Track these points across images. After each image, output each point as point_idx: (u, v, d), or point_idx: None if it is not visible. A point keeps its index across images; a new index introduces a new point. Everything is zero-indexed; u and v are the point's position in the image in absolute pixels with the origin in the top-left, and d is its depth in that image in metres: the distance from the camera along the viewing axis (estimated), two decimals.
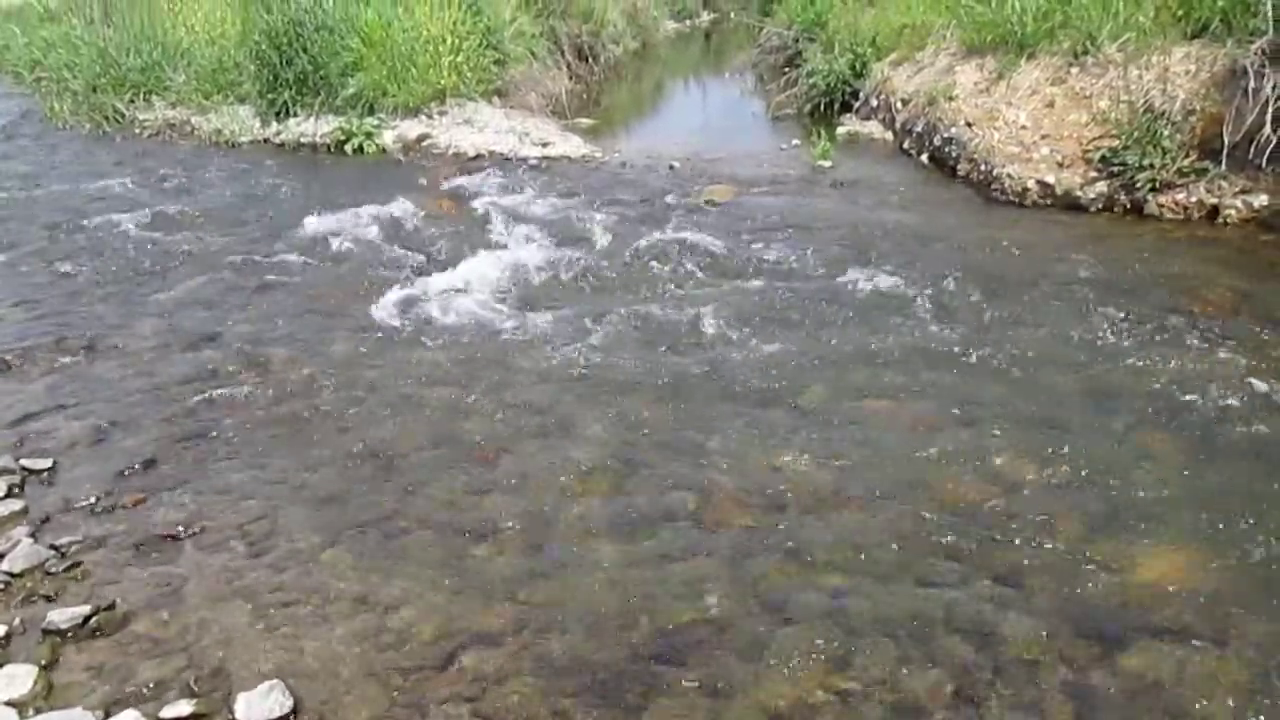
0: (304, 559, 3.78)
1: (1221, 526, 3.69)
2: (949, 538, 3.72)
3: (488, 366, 5.21)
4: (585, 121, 11.53)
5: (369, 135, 10.22)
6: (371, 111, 10.57)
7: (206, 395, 5.04)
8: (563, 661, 3.24)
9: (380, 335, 5.64)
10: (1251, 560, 3.51)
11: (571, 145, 9.92)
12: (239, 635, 3.41)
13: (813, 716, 2.99)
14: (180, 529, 3.99)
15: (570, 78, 13.17)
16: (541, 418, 4.69)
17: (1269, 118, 6.35)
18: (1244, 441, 4.20)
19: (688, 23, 21.41)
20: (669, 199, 7.89)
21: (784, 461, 4.25)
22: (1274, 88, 6.39)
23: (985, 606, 3.37)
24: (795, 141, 9.84)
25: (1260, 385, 4.60)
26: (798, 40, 12.56)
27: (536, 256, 6.59)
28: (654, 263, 6.44)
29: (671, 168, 8.94)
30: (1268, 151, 6.37)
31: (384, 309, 5.90)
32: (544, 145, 9.87)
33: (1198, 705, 2.95)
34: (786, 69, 12.39)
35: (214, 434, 4.71)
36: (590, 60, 14.25)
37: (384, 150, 10.15)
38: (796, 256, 6.49)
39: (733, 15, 20.73)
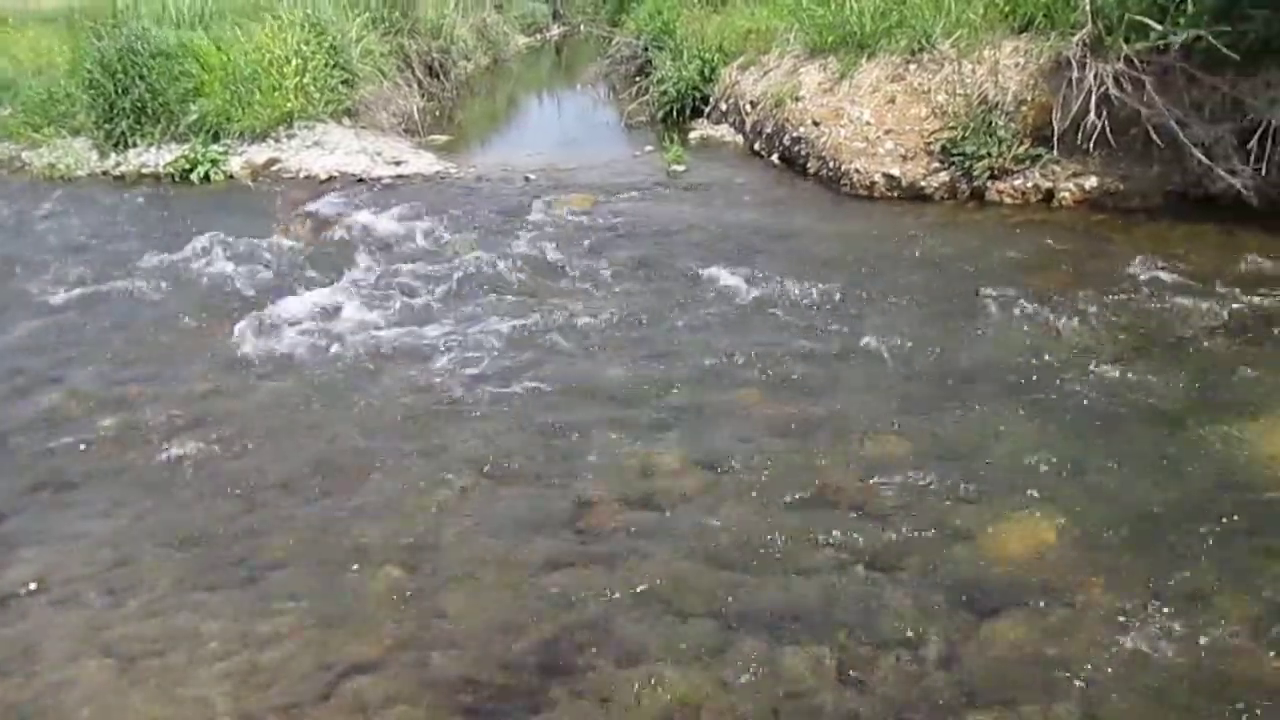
0: (169, 604, 3.62)
1: (1074, 494, 3.88)
2: (823, 523, 3.81)
3: (350, 390, 5.09)
4: (439, 138, 11.41)
5: (215, 162, 9.87)
6: (216, 138, 10.21)
7: (54, 441, 4.78)
8: (447, 680, 3.19)
9: (236, 366, 5.45)
10: (1102, 524, 3.69)
11: (425, 163, 9.80)
12: (103, 692, 3.24)
13: (701, 710, 3.02)
14: (31, 585, 3.78)
15: (422, 95, 12.99)
16: (409, 436, 4.61)
17: (1093, 105, 6.70)
18: (1089, 411, 4.42)
19: (538, 37, 21.40)
20: (526, 211, 7.86)
21: (657, 461, 4.28)
22: (1095, 77, 6.74)
23: (862, 588, 3.47)
24: (649, 148, 9.95)
25: (1100, 356, 4.86)
26: (647, 49, 12.69)
27: (393, 276, 6.48)
28: (514, 274, 6.41)
29: (527, 179, 8.92)
30: (1094, 137, 6.72)
31: (239, 339, 5.70)
32: (397, 164, 9.72)
33: (1062, 664, 3.09)
34: (637, 78, 12.51)
35: (65, 481, 4.47)
36: (441, 77, 14.09)
37: (231, 177, 9.81)
38: (655, 259, 6.56)
39: (582, 27, 20.84)
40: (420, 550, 3.82)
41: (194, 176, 9.77)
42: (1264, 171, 6.12)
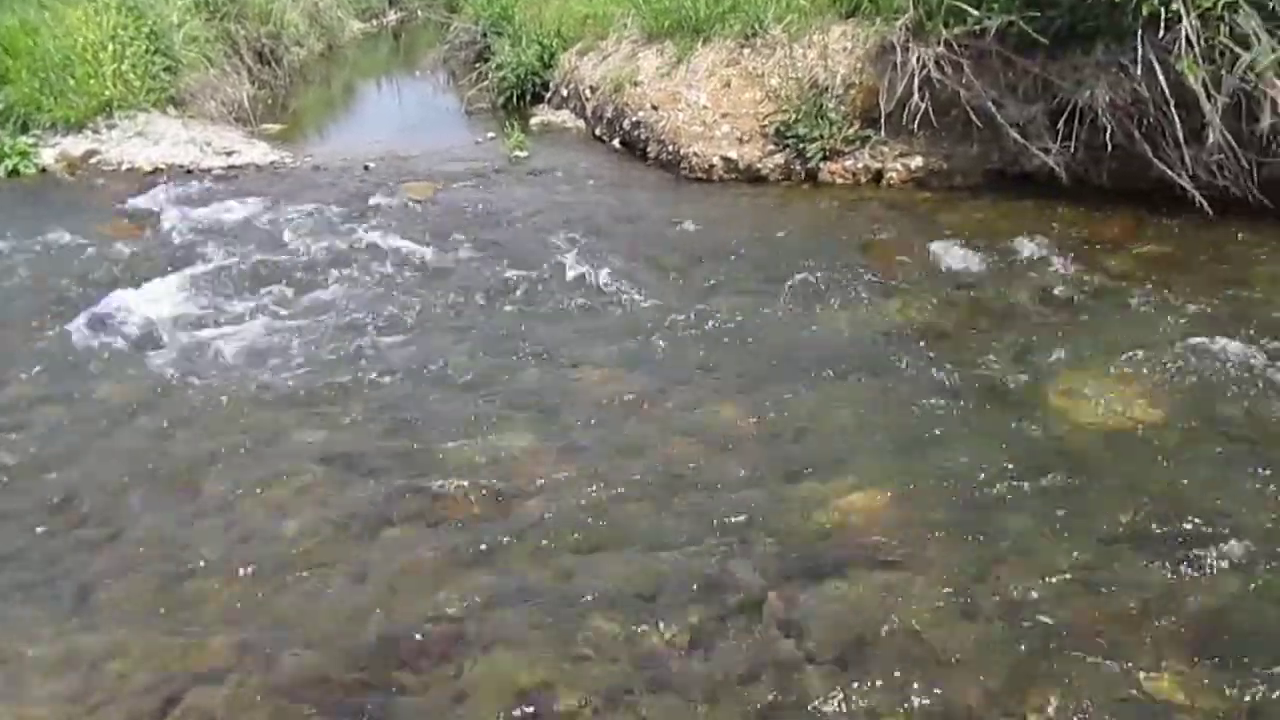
0: None
1: (907, 461, 4.05)
2: (673, 500, 3.88)
3: (183, 390, 4.88)
4: (273, 127, 11.01)
5: (24, 155, 9.24)
6: (25, 129, 9.57)
7: None
8: (295, 684, 3.12)
9: (60, 372, 5.14)
10: (933, 488, 3.88)
11: (258, 152, 9.44)
12: None
13: (556, 691, 3.04)
14: None
15: (253, 83, 12.48)
16: (246, 435, 4.45)
17: (916, 88, 6.97)
18: (919, 382, 4.62)
19: (374, 22, 20.80)
20: (366, 200, 7.68)
21: (506, 446, 4.27)
22: (918, 60, 7.02)
23: (710, 560, 3.55)
24: (491, 134, 9.86)
25: (928, 329, 5.09)
26: (485, 34, 12.55)
27: (227, 270, 6.23)
28: (353, 264, 6.26)
29: (367, 168, 8.71)
30: (918, 118, 7.01)
31: (62, 344, 5.38)
32: (228, 155, 9.33)
33: (898, 621, 3.23)
34: (477, 64, 12.34)
35: None
36: (273, 64, 13.57)
37: (44, 170, 9.23)
38: (497, 246, 6.52)
39: (420, 13, 20.38)
40: (259, 552, 3.70)
41: (0, 171, 9.16)
42: (1072, 150, 6.50)
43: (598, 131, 9.45)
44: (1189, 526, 3.55)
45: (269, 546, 3.74)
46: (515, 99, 11.08)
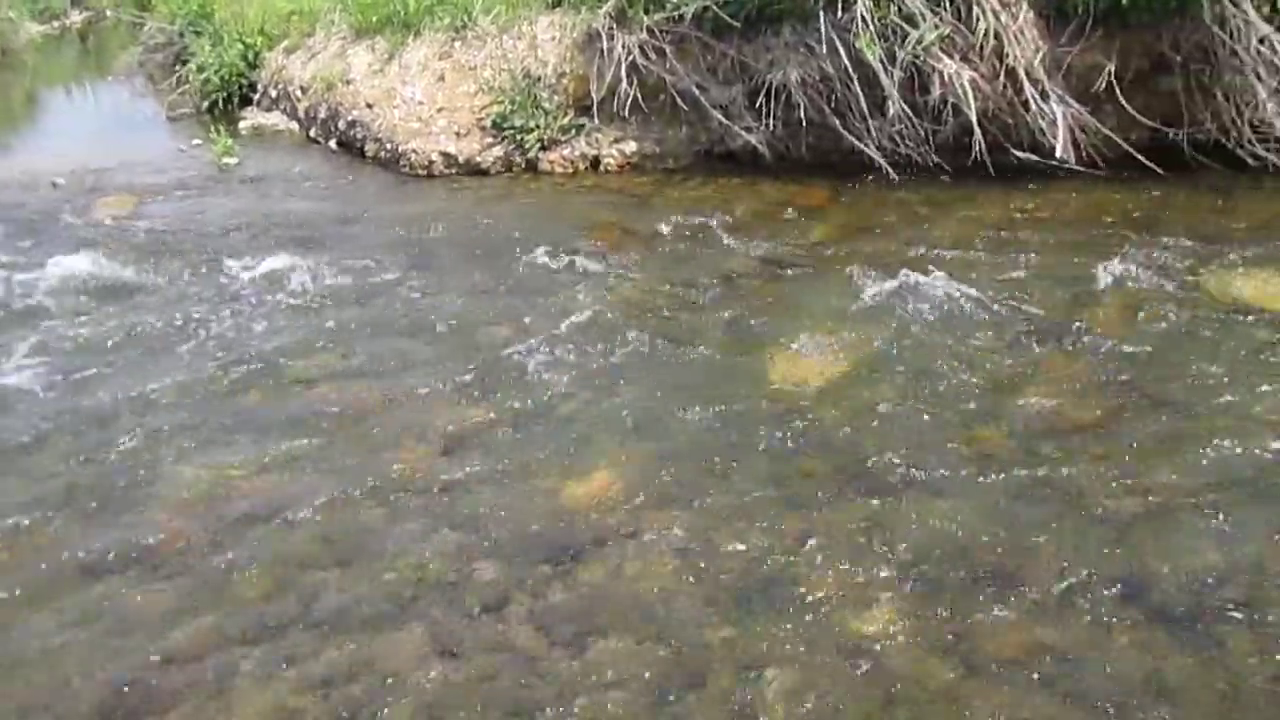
0: None
1: (637, 439, 4.17)
2: (408, 504, 3.83)
3: None
4: None
5: None
6: None
7: None
8: None
9: None
10: (663, 463, 4.00)
11: None
12: None
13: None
14: None
15: None
16: None
17: (624, 74, 7.15)
18: (645, 359, 4.76)
19: (55, 23, 19.17)
20: (55, 219, 7.09)
21: (226, 473, 4.07)
22: (624, 47, 7.20)
23: (451, 562, 3.54)
24: (196, 142, 9.29)
25: (649, 307, 5.26)
26: (183, 34, 11.83)
27: None
28: (43, 291, 5.75)
29: (54, 185, 8.01)
30: (628, 104, 7.20)
31: None
32: None
33: (634, 595, 3.34)
34: (177, 66, 11.61)
35: None
36: None
37: None
38: (208, 258, 6.19)
39: (109, 12, 18.96)
40: None
41: None
42: (771, 127, 6.86)
43: (312, 133, 9.12)
44: (897, 461, 3.86)
45: None
46: (222, 103, 10.48)
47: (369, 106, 8.30)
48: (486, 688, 3.02)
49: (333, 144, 8.75)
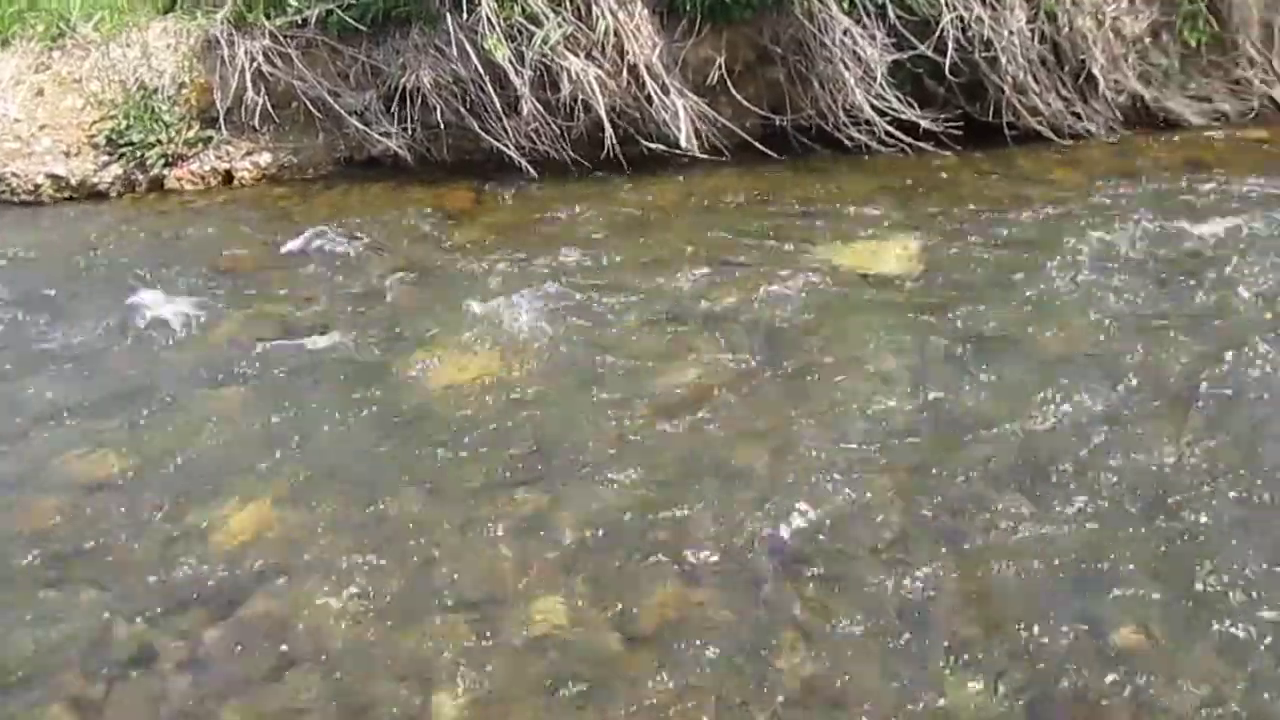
0: None
1: (295, 465, 4.07)
2: (48, 564, 3.60)
3: None
4: None
5: None
6: None
7: None
8: None
9: None
10: (323, 486, 3.96)
11: None
12: None
13: None
14: None
15: None
16: None
17: (249, 82, 6.82)
18: (288, 379, 4.64)
19: None
20: None
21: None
22: (246, 54, 6.86)
23: (97, 623, 3.36)
24: None
25: (285, 322, 5.11)
26: None
27: None
28: None
29: None
30: (257, 113, 6.87)
31: None
32: None
33: (305, 632, 3.31)
34: None
35: None
36: None
37: None
38: None
39: None
40: None
41: None
42: (410, 131, 6.80)
43: None
44: (553, 451, 4.07)
45: None
46: None
47: None
48: None
49: None
